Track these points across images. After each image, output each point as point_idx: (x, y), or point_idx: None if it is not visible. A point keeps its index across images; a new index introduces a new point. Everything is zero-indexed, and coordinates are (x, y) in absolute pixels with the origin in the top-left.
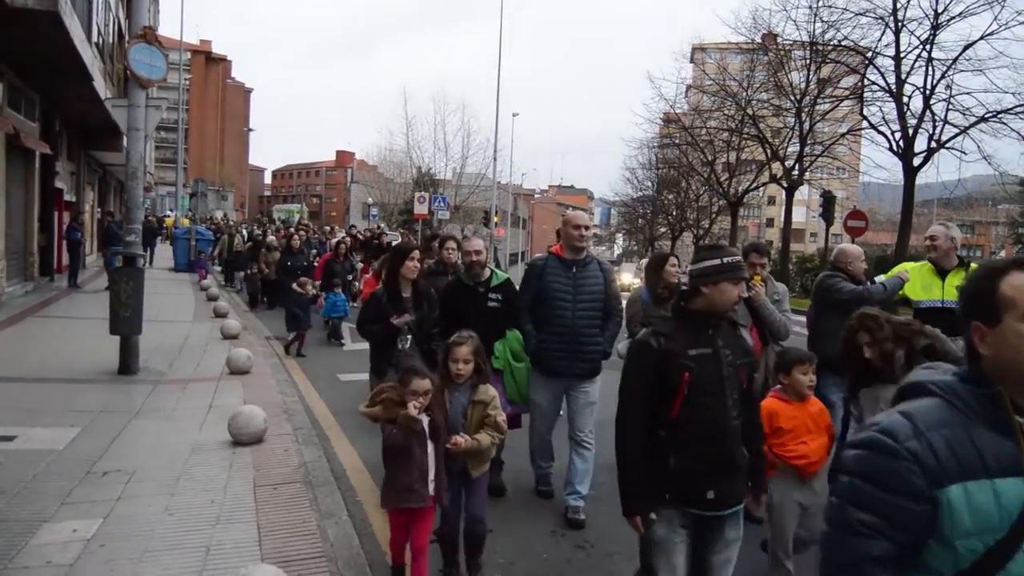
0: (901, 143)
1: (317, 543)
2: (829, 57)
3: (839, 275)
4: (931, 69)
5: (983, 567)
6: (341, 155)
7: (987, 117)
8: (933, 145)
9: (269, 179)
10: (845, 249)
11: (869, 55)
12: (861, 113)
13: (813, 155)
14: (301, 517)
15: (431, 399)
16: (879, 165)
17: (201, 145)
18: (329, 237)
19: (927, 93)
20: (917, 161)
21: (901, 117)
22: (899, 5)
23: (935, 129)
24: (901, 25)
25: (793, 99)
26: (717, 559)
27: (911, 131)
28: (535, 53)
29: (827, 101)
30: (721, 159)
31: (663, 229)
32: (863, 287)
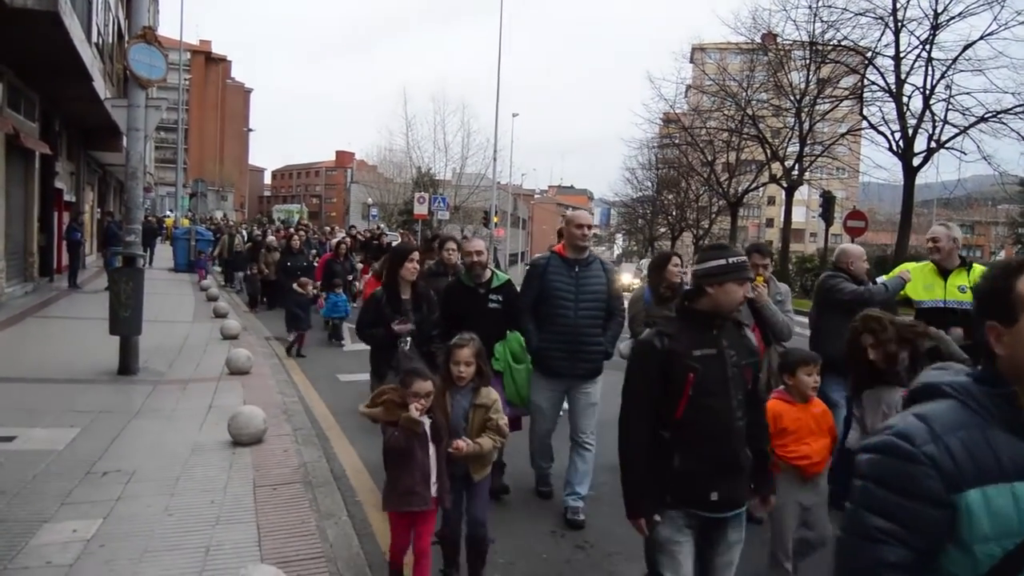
0: (901, 143)
1: (317, 543)
2: (829, 57)
3: (841, 275)
4: (931, 69)
5: (1002, 572)
6: (341, 155)
7: (987, 117)
8: (933, 145)
9: (269, 179)
10: (847, 249)
11: (869, 55)
12: (861, 113)
13: (813, 155)
14: (301, 517)
15: (432, 401)
16: (879, 165)
17: (201, 145)
18: (329, 237)
19: (927, 93)
20: (917, 161)
21: (901, 117)
22: (899, 5)
23: (935, 129)
24: (901, 25)
25: (793, 99)
26: (719, 561)
27: (911, 131)
28: (535, 53)
29: (827, 101)
30: (721, 159)
31: (663, 229)
32: (864, 287)
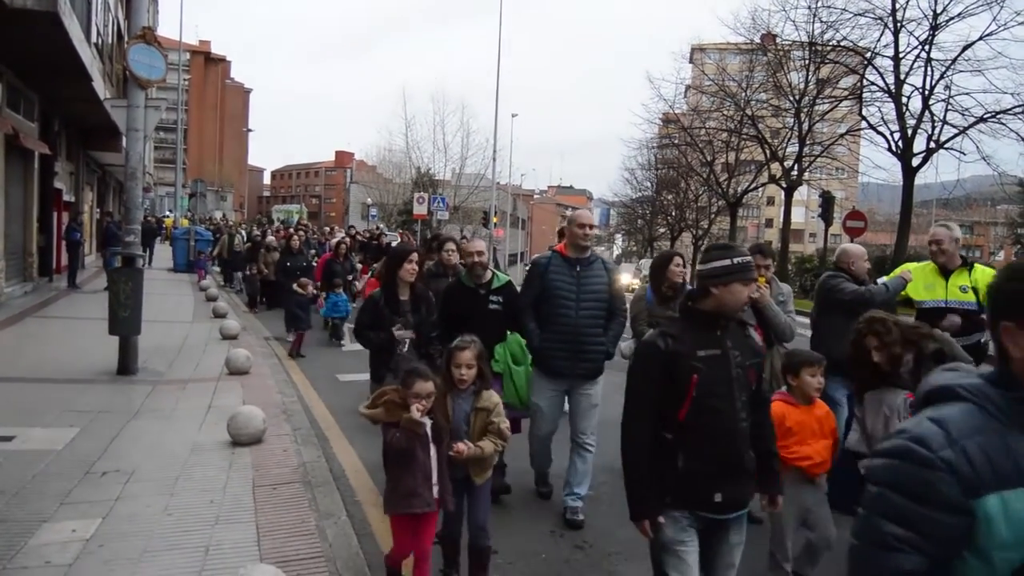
0: (900, 143)
1: (316, 543)
2: (828, 57)
3: (841, 275)
4: (930, 69)
5: None
6: (340, 155)
7: (986, 117)
8: (932, 145)
9: (268, 179)
10: (848, 249)
11: (868, 55)
12: (860, 113)
13: (812, 155)
14: (300, 517)
15: (434, 402)
16: (878, 165)
17: (200, 145)
18: (329, 237)
19: (926, 93)
20: (916, 161)
21: (900, 117)
22: (898, 5)
23: (934, 129)
24: (900, 25)
25: (792, 99)
26: (721, 562)
27: (910, 131)
28: (535, 53)
29: (826, 101)
30: (720, 159)
31: (662, 230)
32: (865, 287)
